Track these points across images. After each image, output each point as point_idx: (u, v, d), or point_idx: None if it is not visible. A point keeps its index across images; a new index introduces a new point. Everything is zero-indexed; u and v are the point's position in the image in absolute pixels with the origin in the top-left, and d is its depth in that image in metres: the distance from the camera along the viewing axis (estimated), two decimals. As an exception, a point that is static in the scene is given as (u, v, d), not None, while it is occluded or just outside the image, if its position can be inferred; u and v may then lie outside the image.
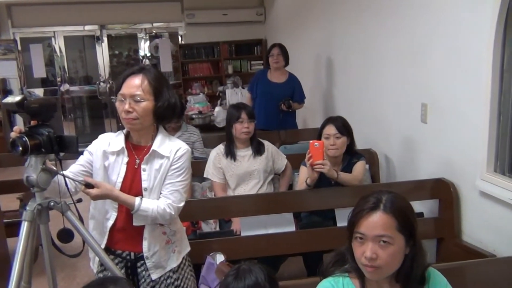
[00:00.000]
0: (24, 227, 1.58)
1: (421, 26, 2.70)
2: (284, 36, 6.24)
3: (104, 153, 1.76)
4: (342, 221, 2.49)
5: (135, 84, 1.68)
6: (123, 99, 1.68)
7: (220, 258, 2.17)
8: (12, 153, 1.54)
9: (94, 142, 1.81)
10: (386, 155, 3.26)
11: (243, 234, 2.52)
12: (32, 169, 1.56)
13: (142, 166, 1.74)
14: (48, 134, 1.55)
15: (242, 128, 2.83)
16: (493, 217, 2.19)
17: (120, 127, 1.84)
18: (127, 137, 1.80)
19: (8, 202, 3.52)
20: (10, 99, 1.52)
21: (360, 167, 2.66)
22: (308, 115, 5.16)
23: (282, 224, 2.54)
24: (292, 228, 2.56)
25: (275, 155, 2.98)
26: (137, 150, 1.77)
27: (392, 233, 1.27)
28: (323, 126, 2.67)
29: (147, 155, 1.74)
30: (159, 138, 1.77)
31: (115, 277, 1.59)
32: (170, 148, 1.76)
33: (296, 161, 2.92)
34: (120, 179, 1.74)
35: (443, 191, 2.50)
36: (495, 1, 2.03)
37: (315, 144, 2.39)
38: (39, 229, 1.66)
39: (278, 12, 6.73)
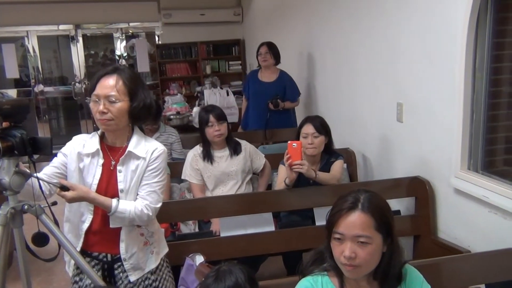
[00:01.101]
0: (-3, 232, 1.54)
1: (395, 26, 2.74)
2: (262, 36, 6.24)
3: (79, 155, 1.73)
4: (320, 220, 2.50)
5: (110, 84, 1.65)
6: (97, 99, 1.65)
7: (199, 259, 2.15)
8: (-17, 156, 1.50)
9: (68, 144, 1.77)
10: (363, 154, 3.30)
11: (222, 234, 2.51)
12: (4, 172, 1.52)
13: (118, 168, 1.72)
14: (21, 136, 1.52)
15: (213, 131, 2.82)
16: (468, 214, 2.24)
17: (96, 128, 1.81)
18: (102, 138, 1.77)
19: (-20, 206, 3.43)
20: (-20, 101, 1.48)
21: (338, 166, 2.69)
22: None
23: (262, 224, 2.54)
24: (271, 228, 2.56)
25: (253, 155, 2.98)
26: (112, 152, 1.75)
27: (370, 233, 1.28)
28: (301, 125, 2.69)
29: (123, 156, 1.72)
30: (134, 139, 1.75)
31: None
32: (146, 149, 1.74)
33: (275, 161, 2.93)
34: (96, 181, 1.71)
35: (419, 189, 2.54)
36: (467, 2, 2.08)
37: (293, 144, 2.41)
38: (13, 233, 1.63)
39: (256, 12, 6.74)
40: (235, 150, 2.90)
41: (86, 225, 1.73)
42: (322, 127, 2.64)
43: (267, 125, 4.07)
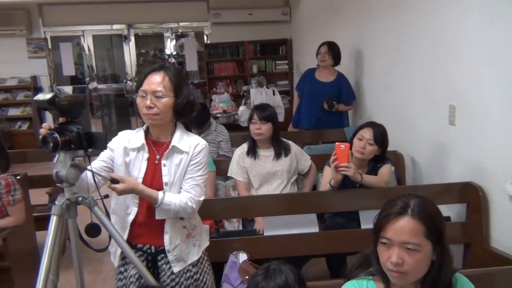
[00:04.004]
0: (53, 221, 1.62)
1: (450, 26, 2.64)
2: (309, 36, 6.20)
3: (125, 150, 1.80)
4: (366, 223, 2.46)
5: (157, 81, 1.72)
6: (144, 95, 1.73)
7: (243, 257, 2.17)
8: (42, 149, 1.58)
9: (114, 139, 1.85)
10: (412, 157, 3.21)
11: (266, 233, 2.52)
12: (61, 165, 1.60)
13: (163, 162, 1.78)
14: (78, 131, 1.59)
15: (254, 129, 2.84)
16: (524, 223, 2.13)
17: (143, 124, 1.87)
18: (147, 133, 1.84)
19: (37, 196, 3.62)
20: (41, 97, 1.56)
21: (385, 170, 2.63)
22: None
23: (306, 225, 2.52)
24: (315, 229, 2.54)
25: (299, 156, 2.96)
26: (156, 146, 1.81)
27: (419, 240, 1.24)
28: (362, 126, 2.65)
29: (167, 150, 1.78)
30: (178, 134, 1.81)
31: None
32: (189, 143, 1.80)
33: (320, 161, 2.90)
34: (141, 175, 1.77)
35: (471, 195, 2.44)
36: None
37: (341, 146, 2.37)
38: (67, 223, 1.70)
39: (304, 12, 6.70)
40: (279, 152, 2.87)
41: (131, 217, 1.80)
42: (380, 138, 2.58)
43: (319, 125, 4.04)
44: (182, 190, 1.78)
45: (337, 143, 2.39)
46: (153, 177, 1.78)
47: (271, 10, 7.61)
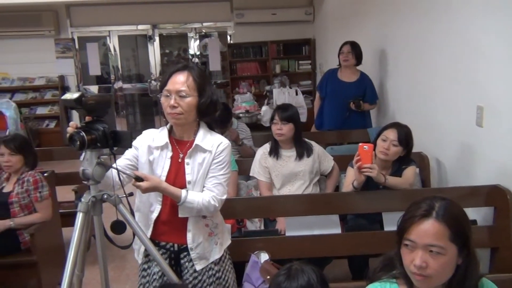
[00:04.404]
0: (79, 218, 1.66)
1: (477, 25, 2.58)
2: (333, 36, 6.16)
3: (149, 148, 1.82)
4: (389, 225, 2.43)
5: (181, 80, 1.74)
6: (168, 94, 1.75)
7: (264, 257, 2.17)
8: (69, 147, 1.61)
9: (139, 138, 1.88)
10: (437, 159, 3.15)
11: (287, 234, 2.51)
12: (88, 162, 1.63)
13: (186, 160, 1.80)
14: (104, 130, 1.62)
15: (275, 129, 2.85)
16: (554, 228, 2.07)
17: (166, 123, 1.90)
18: (170, 132, 1.86)
19: (64, 193, 3.70)
20: (68, 96, 1.59)
21: (410, 172, 2.59)
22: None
23: (328, 226, 2.51)
24: (338, 230, 2.52)
25: (321, 156, 2.95)
26: (180, 145, 1.83)
27: (444, 243, 1.21)
28: (386, 127, 2.62)
29: (191, 149, 1.80)
30: (201, 133, 1.83)
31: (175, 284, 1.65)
32: (212, 142, 1.81)
33: (343, 162, 2.88)
34: (165, 173, 1.79)
35: (499, 199, 2.38)
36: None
37: (364, 147, 2.34)
38: (92, 220, 1.74)
39: (327, 12, 6.66)
40: (302, 153, 2.87)
41: (155, 215, 1.82)
42: (405, 139, 2.55)
43: (344, 126, 4.01)
44: (205, 189, 1.80)
45: (360, 144, 2.37)
46: (176, 176, 1.80)
47: (294, 10, 7.59)
